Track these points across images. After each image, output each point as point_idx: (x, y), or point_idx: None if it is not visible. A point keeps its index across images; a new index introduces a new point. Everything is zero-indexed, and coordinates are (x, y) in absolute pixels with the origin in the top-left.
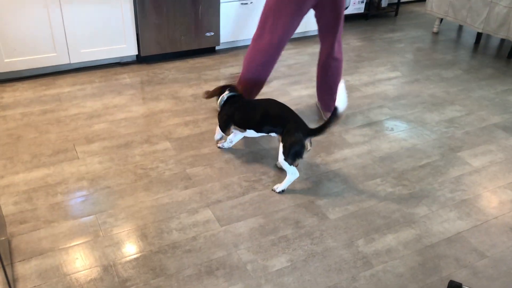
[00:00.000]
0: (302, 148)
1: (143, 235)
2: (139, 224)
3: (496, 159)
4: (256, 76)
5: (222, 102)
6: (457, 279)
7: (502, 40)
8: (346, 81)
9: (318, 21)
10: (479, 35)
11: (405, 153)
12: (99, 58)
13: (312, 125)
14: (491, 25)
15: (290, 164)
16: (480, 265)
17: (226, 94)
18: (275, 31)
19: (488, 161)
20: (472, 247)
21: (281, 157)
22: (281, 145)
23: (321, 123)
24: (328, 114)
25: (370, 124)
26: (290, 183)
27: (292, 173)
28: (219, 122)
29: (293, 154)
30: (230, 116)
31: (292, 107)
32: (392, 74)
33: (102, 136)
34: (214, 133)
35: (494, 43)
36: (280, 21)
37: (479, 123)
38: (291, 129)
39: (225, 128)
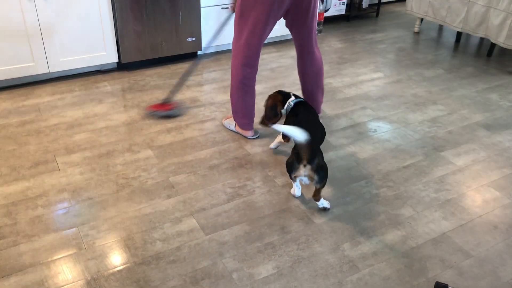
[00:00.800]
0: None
1: (126, 247)
2: (122, 236)
3: (479, 157)
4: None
5: (290, 109)
6: (443, 279)
7: (482, 39)
8: (328, 83)
9: (290, 29)
10: (459, 34)
11: (389, 154)
12: (79, 67)
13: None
14: (469, 24)
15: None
16: (466, 264)
17: (292, 100)
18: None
19: (471, 160)
20: (457, 247)
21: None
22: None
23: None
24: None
25: (353, 126)
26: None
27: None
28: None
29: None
30: (297, 123)
31: None
32: (375, 75)
33: (83, 146)
34: (196, 140)
35: (474, 42)
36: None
37: (461, 122)
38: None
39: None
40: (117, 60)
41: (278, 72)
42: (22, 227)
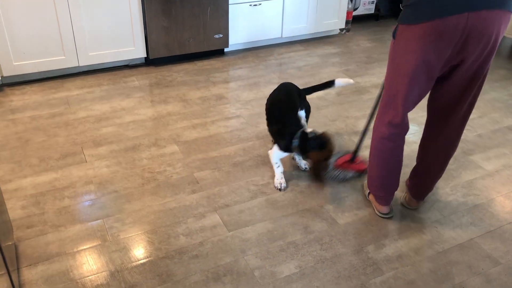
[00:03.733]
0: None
1: (150, 240)
2: (146, 229)
3: (510, 162)
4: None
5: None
6: (470, 286)
7: None
8: (356, 83)
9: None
10: None
11: (416, 156)
12: (108, 61)
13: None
14: None
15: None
16: (494, 272)
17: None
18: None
19: (501, 165)
20: (485, 253)
21: None
22: None
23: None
24: (415, 203)
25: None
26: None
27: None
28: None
29: None
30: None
31: None
32: None
33: (110, 139)
34: (221, 136)
35: (508, 43)
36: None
37: (492, 125)
38: None
39: None
40: (145, 56)
41: (304, 70)
42: (50, 217)
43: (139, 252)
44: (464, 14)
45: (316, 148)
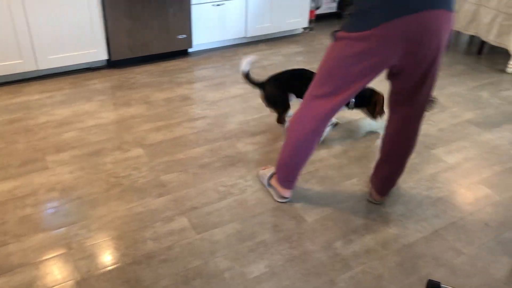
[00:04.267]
0: None
1: (116, 246)
2: (112, 235)
3: (470, 155)
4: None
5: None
6: (435, 278)
7: (472, 37)
8: None
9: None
10: None
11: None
12: (68, 64)
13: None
14: (460, 22)
15: None
16: (458, 262)
17: None
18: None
19: (462, 158)
20: (449, 245)
21: None
22: None
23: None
24: (380, 197)
25: (346, 123)
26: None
27: None
28: None
29: None
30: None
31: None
32: None
33: (73, 144)
34: (188, 138)
35: (464, 39)
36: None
37: (453, 119)
38: None
39: None
40: (107, 58)
41: (269, 70)
42: (11, 227)
43: (106, 258)
44: (408, 16)
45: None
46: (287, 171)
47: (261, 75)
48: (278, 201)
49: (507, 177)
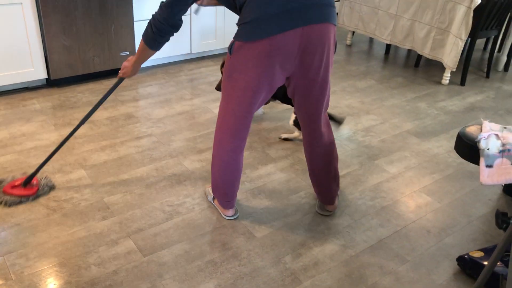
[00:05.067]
0: None
1: (58, 274)
2: (54, 262)
3: (411, 164)
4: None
5: None
6: (381, 286)
7: (409, 51)
8: None
9: (293, 99)
10: (388, 46)
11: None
12: (4, 84)
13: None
14: (397, 37)
15: None
16: (402, 269)
17: None
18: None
19: (403, 167)
20: (394, 253)
21: None
22: None
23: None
24: (331, 207)
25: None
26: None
27: None
28: None
29: None
30: None
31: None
32: None
33: (9, 168)
34: (132, 157)
35: (402, 53)
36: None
37: (393, 130)
38: None
39: None
40: (46, 77)
41: (215, 85)
42: None
43: None
44: (300, 29)
45: None
46: (222, 192)
47: (208, 91)
48: (225, 219)
49: (446, 185)
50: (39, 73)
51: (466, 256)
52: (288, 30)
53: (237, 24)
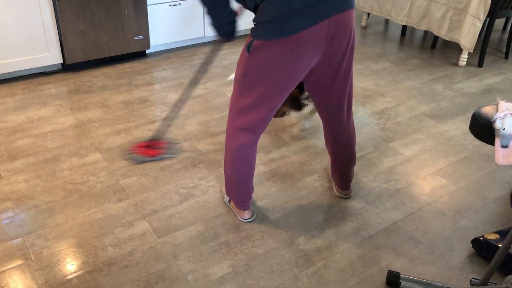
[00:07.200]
0: None
1: (76, 254)
2: (71, 243)
3: (426, 147)
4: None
5: None
6: (395, 267)
7: (425, 32)
8: None
9: (312, 93)
10: (404, 27)
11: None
12: (21, 69)
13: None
14: (413, 18)
15: None
16: (416, 252)
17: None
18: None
19: (418, 150)
20: (408, 235)
21: None
22: None
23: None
24: (347, 191)
25: (305, 120)
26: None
27: None
28: None
29: None
30: None
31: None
32: None
33: (27, 152)
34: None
35: (418, 34)
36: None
37: (409, 113)
38: None
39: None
40: (62, 61)
41: (229, 69)
42: None
43: (65, 268)
44: (326, 21)
45: None
46: (237, 192)
47: (221, 75)
48: (241, 221)
49: (461, 167)
50: (55, 58)
51: (481, 238)
52: (315, 25)
53: (254, 21)
